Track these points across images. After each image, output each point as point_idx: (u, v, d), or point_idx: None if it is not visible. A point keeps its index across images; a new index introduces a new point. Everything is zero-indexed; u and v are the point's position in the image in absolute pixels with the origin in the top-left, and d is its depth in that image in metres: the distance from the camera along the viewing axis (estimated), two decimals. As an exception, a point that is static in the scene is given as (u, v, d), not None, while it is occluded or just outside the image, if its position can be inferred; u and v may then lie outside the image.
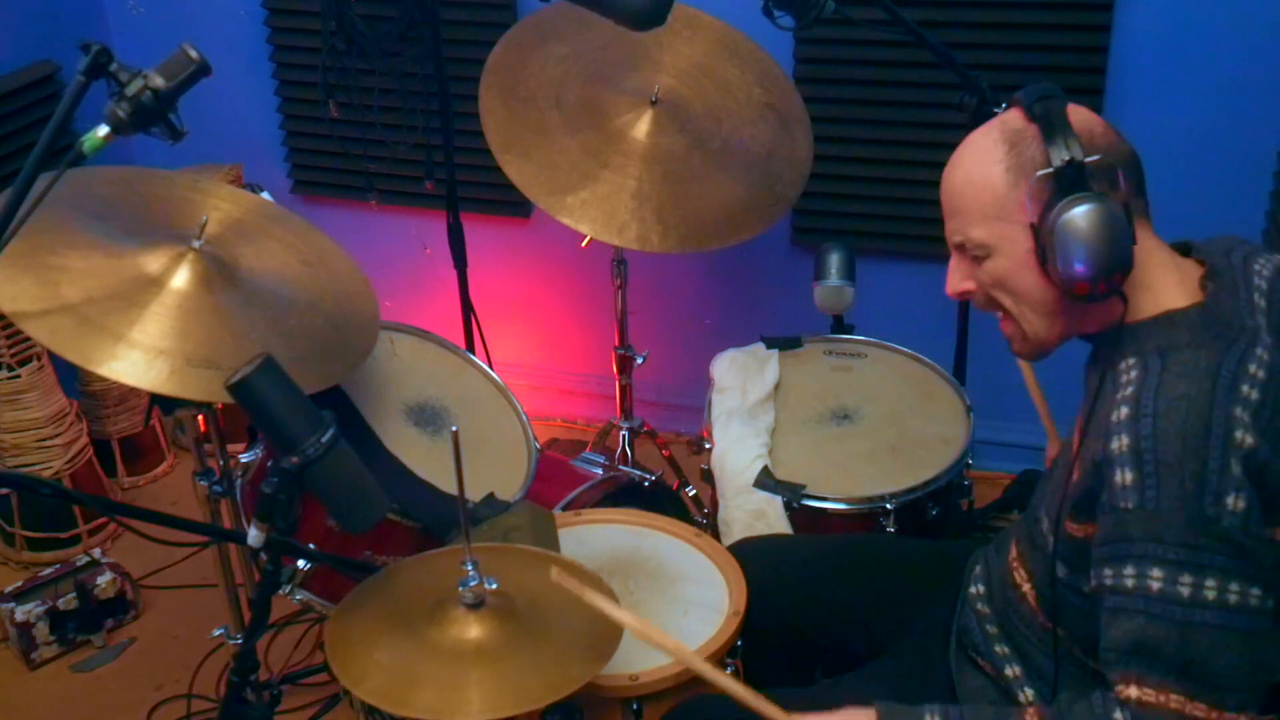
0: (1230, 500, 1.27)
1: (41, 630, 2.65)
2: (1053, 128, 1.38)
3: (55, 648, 2.68)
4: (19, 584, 2.71)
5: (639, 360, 2.76)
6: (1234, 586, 1.27)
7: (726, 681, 1.45)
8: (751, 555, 1.95)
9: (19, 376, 2.85)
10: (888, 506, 2.11)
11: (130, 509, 1.70)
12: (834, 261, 2.50)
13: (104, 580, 2.71)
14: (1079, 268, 1.35)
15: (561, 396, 3.46)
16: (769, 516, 2.14)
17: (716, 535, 2.19)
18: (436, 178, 3.12)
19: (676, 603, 1.88)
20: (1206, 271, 1.44)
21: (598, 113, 2.42)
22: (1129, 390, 1.35)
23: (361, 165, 3.24)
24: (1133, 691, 1.30)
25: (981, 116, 2.18)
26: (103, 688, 2.62)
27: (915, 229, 2.92)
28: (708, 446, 2.32)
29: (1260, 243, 2.69)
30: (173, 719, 2.51)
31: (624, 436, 2.82)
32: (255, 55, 3.26)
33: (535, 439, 2.33)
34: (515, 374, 3.23)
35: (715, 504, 2.28)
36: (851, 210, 2.96)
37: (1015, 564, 1.61)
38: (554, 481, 2.32)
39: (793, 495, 2.13)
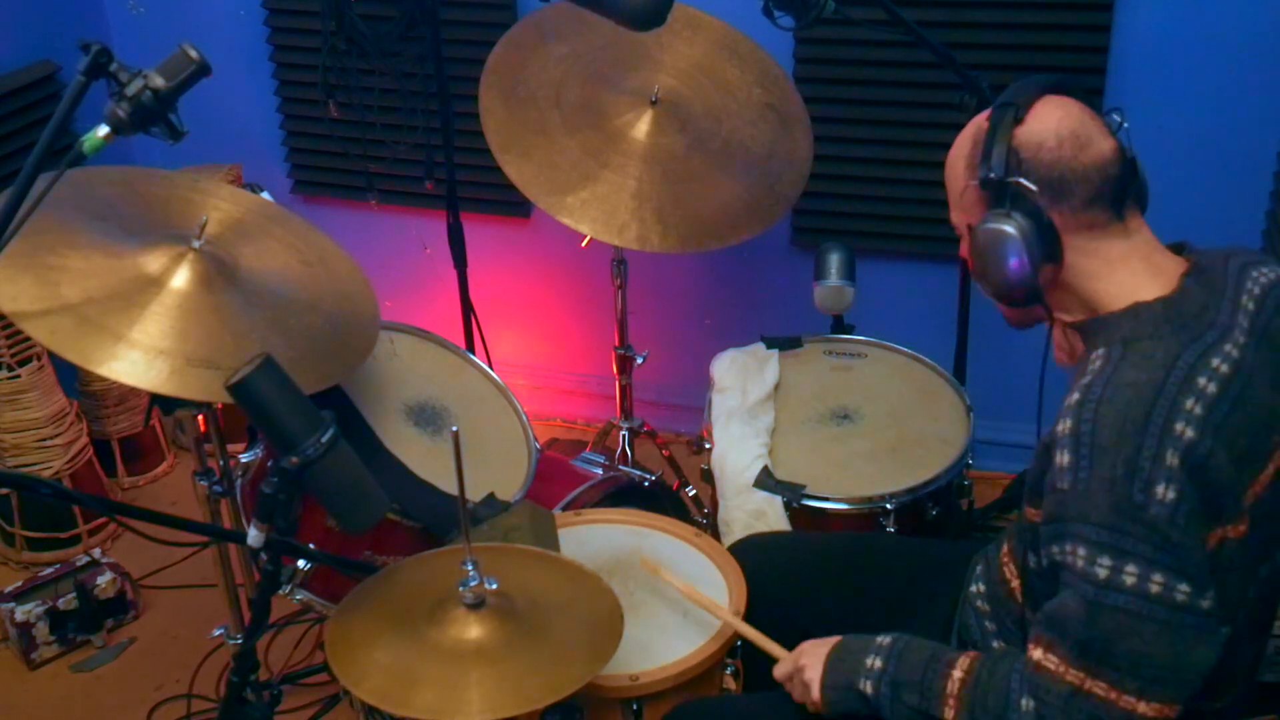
0: (1160, 490, 1.28)
1: (41, 630, 2.65)
2: (992, 139, 1.44)
3: (55, 648, 2.68)
4: (19, 584, 2.71)
5: (639, 360, 2.76)
6: (1157, 577, 1.28)
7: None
8: (752, 554, 1.95)
9: (19, 376, 2.85)
10: (888, 506, 2.11)
11: (130, 509, 1.70)
12: (834, 261, 2.50)
13: (104, 580, 2.71)
14: (981, 279, 1.47)
15: (561, 396, 3.46)
16: (769, 516, 2.14)
17: (716, 535, 2.19)
18: (436, 178, 3.12)
19: (677, 603, 1.88)
20: (1189, 269, 1.45)
21: (598, 113, 2.42)
22: (1086, 379, 1.38)
23: (361, 165, 3.24)
24: (1037, 654, 1.35)
25: (981, 117, 2.20)
26: (103, 688, 2.62)
27: (915, 229, 2.92)
28: (708, 446, 2.32)
29: (1260, 243, 2.71)
30: (173, 719, 2.51)
31: (624, 436, 2.82)
32: (255, 55, 3.26)
33: (535, 439, 2.33)
34: (515, 374, 3.23)
35: (715, 504, 2.28)
36: (851, 210, 2.96)
37: (1006, 559, 1.63)
38: (554, 481, 2.32)
39: (793, 495, 2.13)
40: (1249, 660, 1.48)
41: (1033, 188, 1.41)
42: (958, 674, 1.43)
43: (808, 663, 1.58)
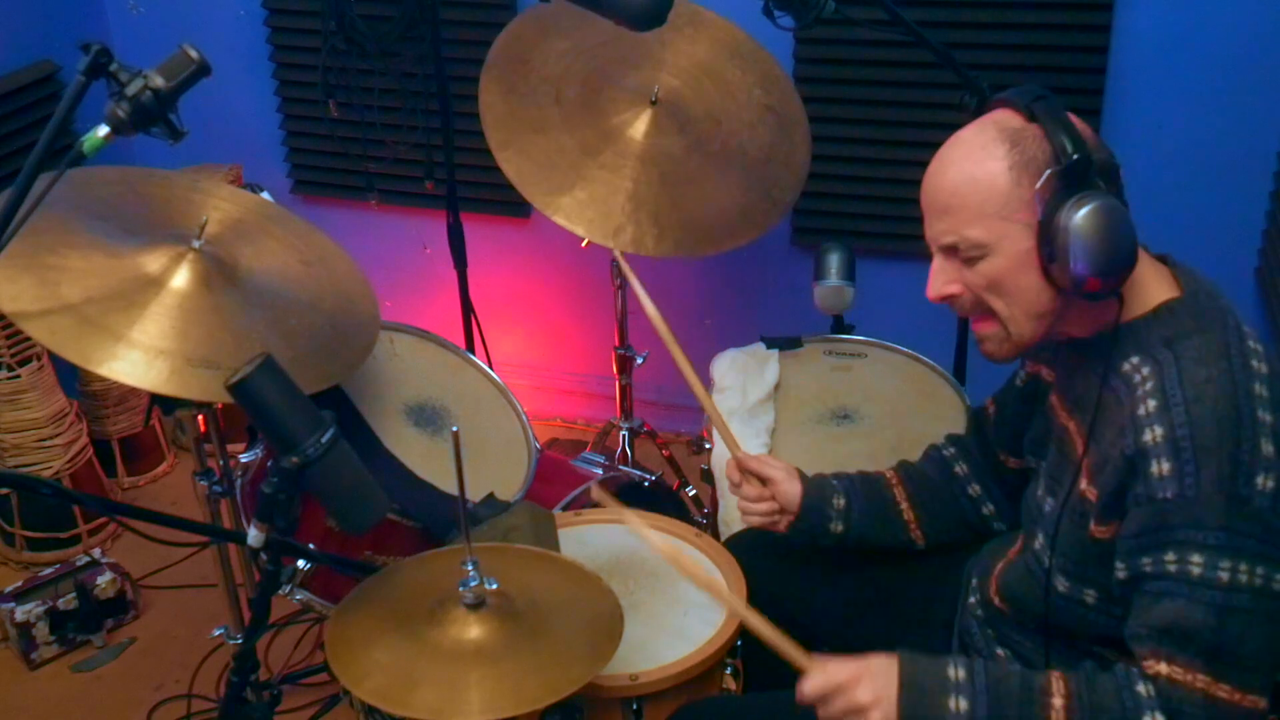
0: (1261, 480, 1.28)
1: (41, 630, 2.65)
2: (1055, 126, 1.37)
3: (55, 648, 2.68)
4: (19, 584, 2.71)
5: (639, 360, 2.76)
6: (1261, 570, 1.28)
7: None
8: (750, 548, 1.95)
9: (19, 376, 2.85)
10: (888, 506, 2.11)
11: (130, 509, 1.69)
12: (834, 261, 2.50)
13: (104, 580, 2.71)
14: (1093, 265, 1.34)
15: (561, 396, 3.46)
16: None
17: (716, 535, 2.18)
18: (436, 178, 3.12)
19: (676, 603, 1.88)
20: (1169, 261, 1.47)
21: (597, 110, 2.41)
22: (1149, 384, 1.35)
23: (361, 165, 3.24)
24: (1162, 668, 1.31)
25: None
26: (103, 688, 2.62)
27: (915, 229, 2.86)
28: (708, 446, 2.32)
29: (1260, 243, 2.71)
30: (173, 719, 2.51)
31: (624, 436, 2.82)
32: (255, 55, 3.26)
33: (535, 439, 2.33)
34: (515, 374, 3.23)
35: (715, 504, 2.28)
36: (851, 210, 2.96)
37: (997, 578, 1.63)
38: (554, 481, 2.32)
39: (793, 495, 2.13)
40: None
41: (1116, 163, 1.38)
42: (1058, 701, 1.35)
43: (867, 701, 1.40)
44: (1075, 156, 1.35)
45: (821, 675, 1.43)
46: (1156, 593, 1.33)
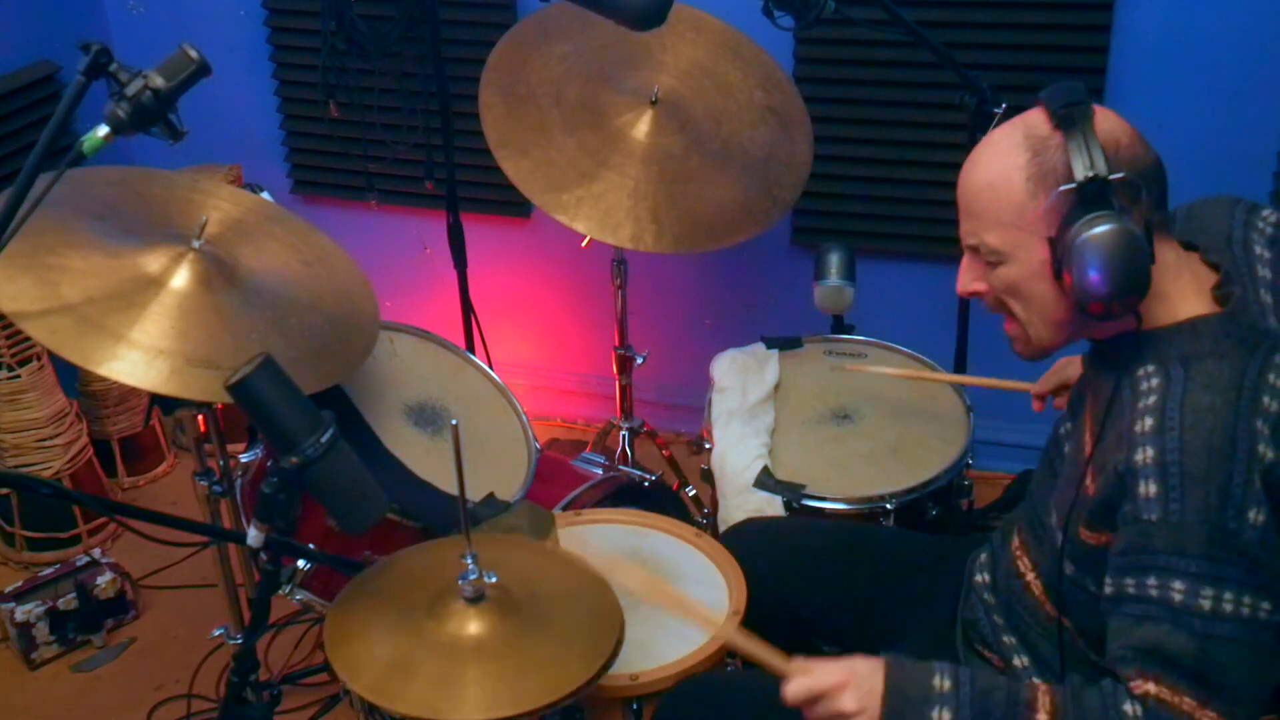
0: (1252, 514, 1.27)
1: (41, 630, 2.65)
2: (1079, 139, 1.34)
3: (55, 648, 2.68)
4: (19, 584, 2.71)
5: (639, 360, 2.76)
6: (1247, 600, 1.28)
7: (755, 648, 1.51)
8: (749, 539, 1.95)
9: (19, 376, 2.85)
10: (888, 506, 2.11)
11: (130, 509, 1.69)
12: (834, 261, 2.50)
13: (104, 580, 2.71)
14: (1096, 289, 1.32)
15: (561, 396, 3.46)
16: (769, 516, 2.14)
17: (716, 535, 2.18)
18: (436, 177, 3.12)
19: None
20: (1221, 276, 1.42)
21: (597, 112, 2.42)
22: (1151, 400, 1.34)
23: (361, 165, 3.24)
24: (1150, 688, 1.29)
25: (981, 116, 2.19)
26: (103, 688, 2.62)
27: (915, 229, 2.92)
28: (708, 446, 2.32)
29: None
30: (173, 719, 2.51)
31: (624, 436, 2.82)
32: (255, 55, 3.26)
33: (535, 439, 2.33)
34: (515, 374, 3.23)
35: (715, 504, 2.28)
36: (851, 210, 2.96)
37: (1019, 552, 1.61)
38: (554, 481, 2.32)
39: (793, 495, 2.13)
40: None
41: (1138, 183, 1.34)
42: (1042, 717, 1.34)
43: (851, 709, 1.39)
44: (1091, 175, 1.32)
45: (806, 679, 1.42)
46: (1140, 615, 1.32)
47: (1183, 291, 1.40)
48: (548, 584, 1.65)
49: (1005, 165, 1.39)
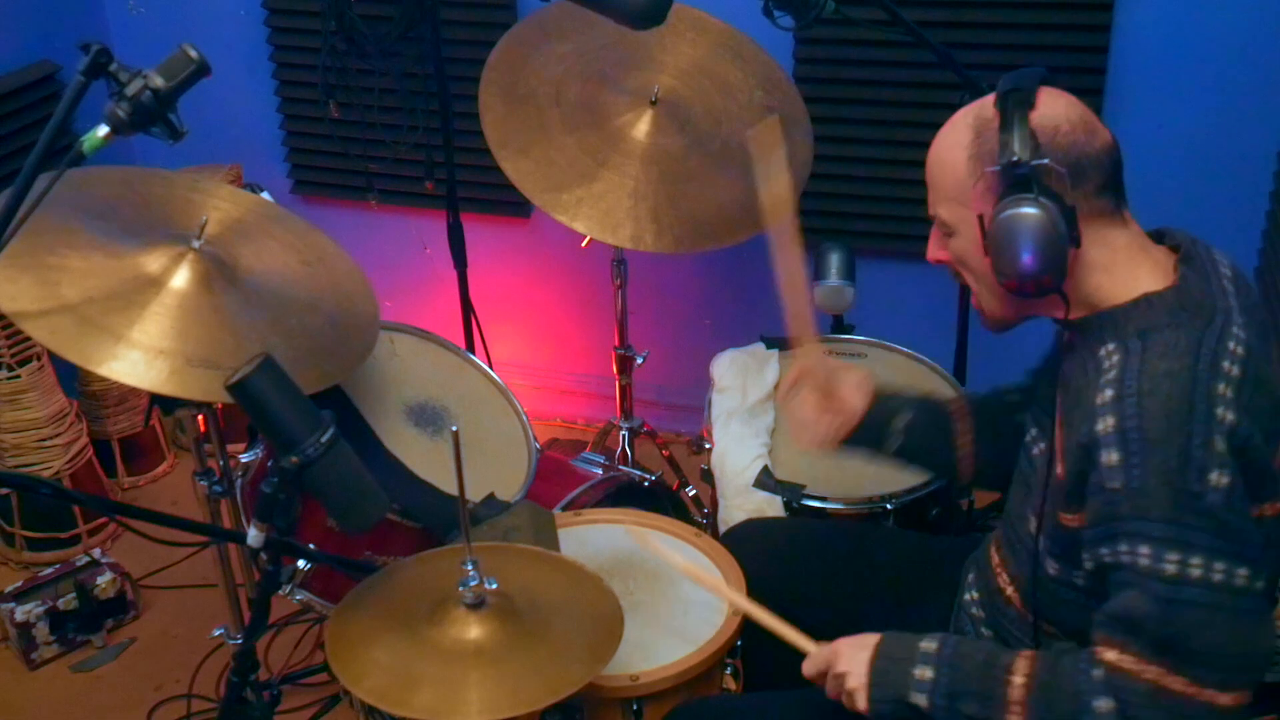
0: (1214, 476, 1.28)
1: (41, 630, 2.65)
2: (1009, 124, 1.39)
3: (55, 648, 2.68)
4: (19, 584, 2.71)
5: (639, 360, 2.76)
6: (1219, 565, 1.28)
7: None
8: (748, 539, 1.95)
9: (19, 376, 2.85)
10: (888, 507, 2.11)
11: (130, 509, 1.70)
12: (834, 261, 2.50)
13: (104, 580, 2.71)
14: (1007, 268, 1.39)
15: (561, 396, 3.46)
16: (769, 516, 2.14)
17: (716, 535, 2.18)
18: (436, 178, 3.12)
19: (677, 603, 1.88)
20: (1180, 256, 1.45)
21: (597, 112, 2.42)
22: (1112, 374, 1.36)
23: (361, 165, 3.24)
24: (1111, 655, 1.32)
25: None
26: (103, 688, 2.62)
27: (915, 229, 2.92)
28: (708, 446, 2.32)
29: (1260, 243, 2.71)
30: (173, 719, 2.51)
31: (624, 436, 2.82)
32: (255, 55, 3.26)
33: (535, 439, 2.33)
34: (515, 374, 3.23)
35: (715, 504, 2.28)
36: (851, 210, 2.96)
37: (999, 569, 1.63)
38: (554, 481, 2.32)
39: (793, 495, 2.13)
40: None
41: (1062, 170, 1.38)
42: (1019, 679, 1.38)
43: (848, 670, 1.50)
44: (1015, 159, 1.37)
45: (817, 654, 1.55)
46: (1117, 583, 1.34)
47: (1138, 270, 1.43)
48: (548, 590, 1.65)
49: (954, 143, 1.47)
